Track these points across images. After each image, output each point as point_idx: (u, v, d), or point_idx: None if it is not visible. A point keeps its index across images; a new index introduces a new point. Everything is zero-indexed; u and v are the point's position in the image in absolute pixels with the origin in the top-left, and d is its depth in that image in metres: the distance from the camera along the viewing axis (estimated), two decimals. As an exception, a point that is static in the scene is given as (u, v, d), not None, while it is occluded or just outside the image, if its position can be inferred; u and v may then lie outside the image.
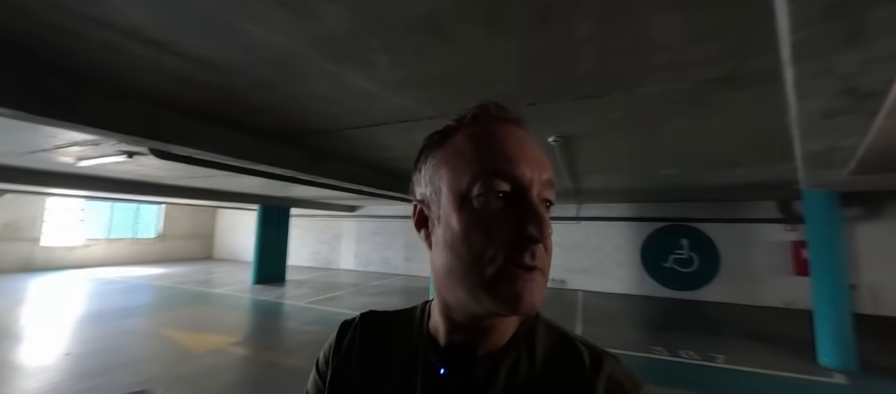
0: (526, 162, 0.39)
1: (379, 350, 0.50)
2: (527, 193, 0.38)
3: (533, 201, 0.38)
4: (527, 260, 0.36)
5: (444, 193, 0.42)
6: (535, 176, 0.39)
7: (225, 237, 14.42)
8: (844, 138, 1.92)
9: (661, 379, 3.54)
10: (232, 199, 8.03)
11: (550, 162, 0.43)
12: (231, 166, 3.48)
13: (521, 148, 0.40)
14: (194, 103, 2.33)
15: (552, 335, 0.46)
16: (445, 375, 0.42)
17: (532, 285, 0.37)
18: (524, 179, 0.38)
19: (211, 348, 4.30)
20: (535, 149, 0.42)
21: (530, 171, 0.39)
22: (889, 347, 4.48)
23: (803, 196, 4.25)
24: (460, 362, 0.43)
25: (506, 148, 0.40)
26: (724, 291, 7.31)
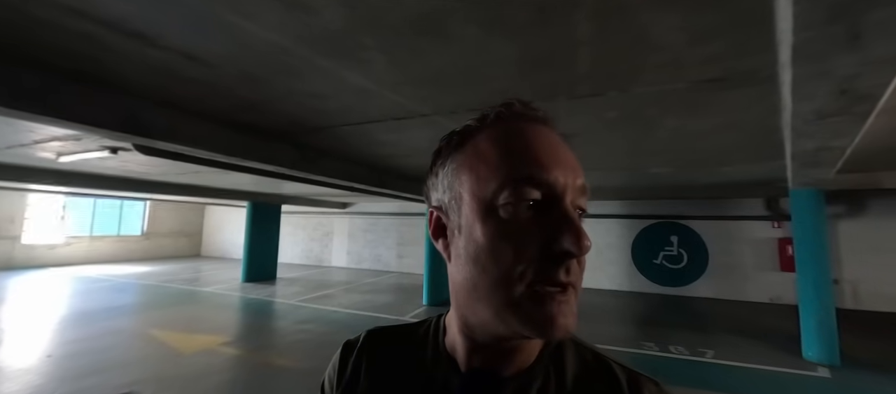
0: (558, 166, 0.35)
1: (391, 371, 0.46)
2: (560, 201, 0.34)
3: (567, 210, 0.34)
4: (561, 277, 0.33)
5: (466, 200, 0.38)
6: (570, 181, 0.35)
7: (213, 235, 14.17)
8: (835, 139, 1.95)
9: (651, 375, 3.59)
10: (221, 196, 7.88)
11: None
12: (220, 163, 3.40)
13: (552, 150, 0.36)
14: (181, 98, 2.26)
15: (583, 355, 0.42)
16: None
17: (566, 307, 0.33)
18: (557, 186, 0.35)
19: (201, 349, 4.22)
20: (567, 151, 0.38)
21: (563, 176, 0.35)
22: (869, 341, 4.62)
23: (790, 194, 4.33)
24: (483, 387, 0.39)
25: (535, 150, 0.36)
26: (713, 287, 7.45)
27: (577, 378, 0.40)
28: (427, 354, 0.45)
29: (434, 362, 0.44)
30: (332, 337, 4.76)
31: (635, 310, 6.54)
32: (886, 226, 6.37)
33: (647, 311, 6.46)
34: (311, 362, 3.94)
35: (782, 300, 6.86)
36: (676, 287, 7.73)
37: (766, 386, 3.41)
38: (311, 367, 3.78)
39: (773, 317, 5.93)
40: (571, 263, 0.34)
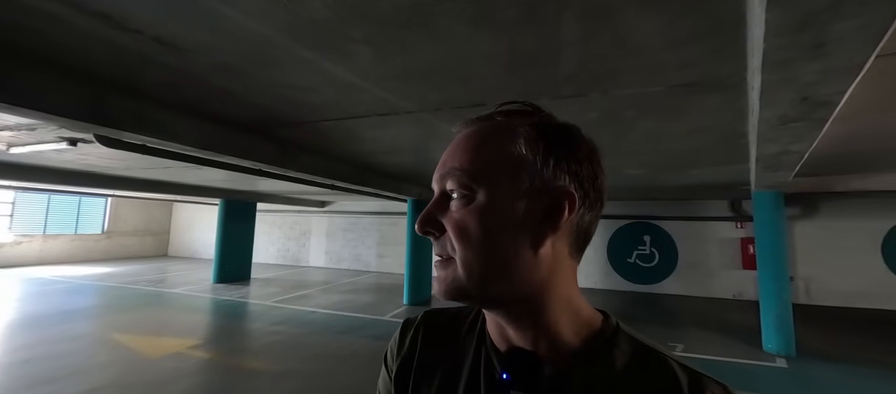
0: (438, 167, 0.43)
1: (441, 347, 0.51)
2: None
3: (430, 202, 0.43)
4: (434, 252, 0.43)
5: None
6: (437, 175, 0.43)
7: (182, 233, 13.51)
8: (796, 143, 2.09)
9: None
10: (191, 192, 7.52)
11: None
12: (192, 157, 3.24)
13: (444, 155, 0.44)
14: (151, 87, 2.14)
15: (636, 349, 0.41)
16: (508, 380, 0.40)
17: (434, 272, 0.43)
18: (434, 183, 0.44)
19: (168, 353, 4.01)
20: (458, 145, 0.43)
21: (437, 173, 0.43)
22: (821, 333, 4.98)
23: (753, 196, 4.60)
24: (522, 369, 0.40)
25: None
26: (681, 285, 7.81)
27: (628, 371, 0.39)
28: (473, 333, 0.49)
29: (478, 341, 0.48)
30: (308, 338, 4.64)
31: (610, 306, 6.66)
32: (836, 226, 6.89)
33: (621, 307, 6.68)
34: (285, 363, 3.82)
35: (744, 296, 7.28)
36: (648, 285, 8.04)
37: (730, 377, 3.60)
38: (286, 369, 3.67)
39: (736, 312, 6.28)
40: (436, 240, 0.42)
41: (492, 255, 0.39)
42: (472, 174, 0.40)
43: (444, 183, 0.42)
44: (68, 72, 1.91)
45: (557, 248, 0.40)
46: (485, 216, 0.39)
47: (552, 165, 0.40)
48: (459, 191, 0.40)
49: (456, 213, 0.40)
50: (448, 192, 0.41)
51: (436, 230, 0.41)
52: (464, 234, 0.39)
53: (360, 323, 5.41)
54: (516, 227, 0.39)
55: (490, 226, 0.39)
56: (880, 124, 2.60)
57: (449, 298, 0.41)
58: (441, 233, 0.41)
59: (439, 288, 0.41)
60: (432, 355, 0.50)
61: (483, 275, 0.39)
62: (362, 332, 4.99)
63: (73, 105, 2.01)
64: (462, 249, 0.39)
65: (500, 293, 0.40)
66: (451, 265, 0.40)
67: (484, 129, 0.43)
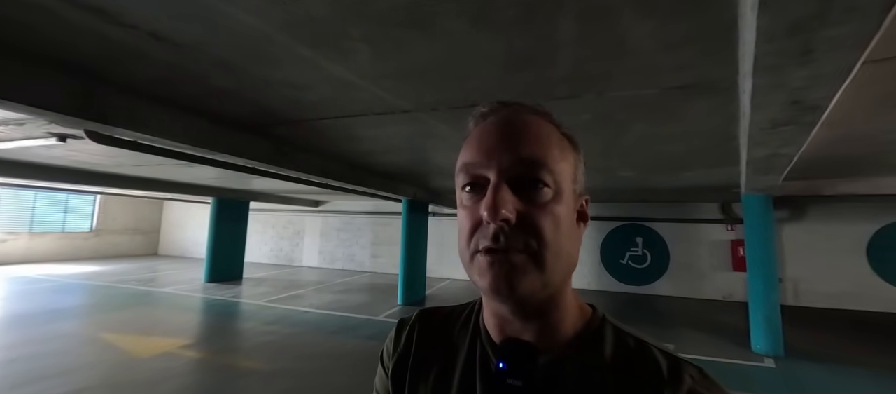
0: (488, 152, 0.40)
1: (436, 346, 0.51)
2: (490, 181, 0.39)
3: (492, 187, 0.39)
4: (488, 244, 0.38)
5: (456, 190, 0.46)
6: (502, 161, 0.39)
7: (173, 232, 13.33)
8: (785, 146, 2.13)
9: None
10: (183, 190, 7.43)
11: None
12: (185, 155, 3.21)
13: (490, 138, 0.41)
14: (145, 82, 2.11)
15: (622, 339, 0.43)
16: (504, 369, 0.40)
17: (499, 269, 0.37)
18: (485, 169, 0.40)
19: (158, 352, 3.96)
20: (514, 132, 0.41)
21: (493, 159, 0.40)
22: (808, 334, 5.07)
23: (743, 199, 4.68)
24: (518, 358, 0.41)
25: (477, 143, 0.42)
26: (673, 286, 7.91)
27: (615, 359, 0.41)
28: (468, 328, 0.50)
29: (473, 335, 0.48)
30: (301, 338, 4.62)
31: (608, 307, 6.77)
32: (823, 230, 7.03)
33: (614, 308, 6.74)
34: (277, 363, 3.79)
35: (734, 298, 7.39)
36: (640, 286, 8.13)
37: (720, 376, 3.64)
38: (278, 368, 3.65)
39: (726, 313, 6.37)
40: (501, 230, 0.37)
41: (568, 250, 0.40)
42: (554, 168, 0.40)
43: (521, 169, 0.39)
44: (59, 66, 1.89)
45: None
46: (565, 212, 0.41)
47: (581, 174, 0.46)
48: (547, 180, 0.39)
49: (549, 204, 0.39)
50: (527, 179, 0.39)
51: (515, 219, 0.38)
52: (557, 228, 0.39)
53: (354, 323, 5.39)
54: (577, 226, 0.43)
55: (568, 222, 0.41)
56: (867, 129, 2.66)
57: (533, 294, 0.38)
58: (518, 222, 0.38)
59: (508, 283, 0.37)
60: (428, 352, 0.51)
61: (561, 272, 0.40)
62: (356, 332, 4.97)
63: (63, 100, 1.98)
64: (553, 242, 0.38)
65: (557, 290, 0.42)
66: (526, 259, 0.37)
67: (539, 122, 0.43)
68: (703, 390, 0.38)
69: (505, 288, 0.37)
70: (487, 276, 0.38)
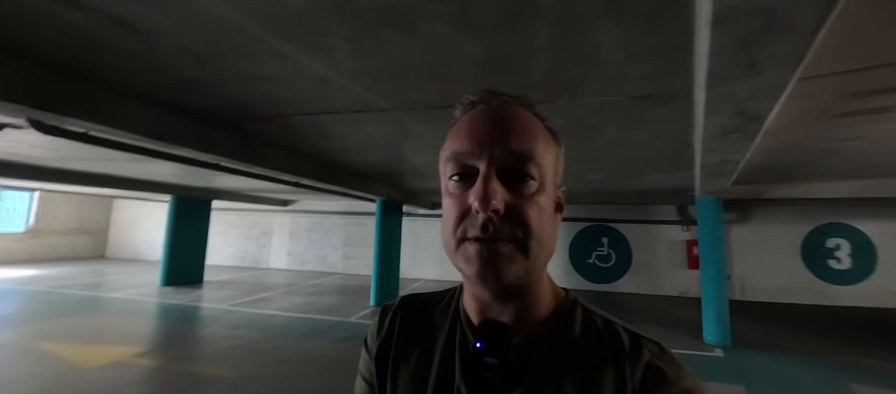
0: (477, 141, 0.41)
1: (418, 330, 0.53)
2: (479, 170, 0.40)
3: (482, 177, 0.40)
4: (476, 233, 0.39)
5: (441, 179, 0.47)
6: (493, 151, 0.40)
7: (124, 233, 12.35)
8: (733, 152, 2.34)
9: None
10: (137, 187, 6.92)
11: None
12: (145, 149, 3.01)
13: (479, 128, 0.42)
14: (103, 71, 1.98)
15: (591, 318, 0.46)
16: (481, 348, 0.42)
17: (487, 257, 0.39)
18: (474, 159, 0.41)
19: (107, 361, 3.67)
20: (502, 122, 0.42)
21: (483, 148, 0.41)
22: (753, 326, 5.54)
23: (697, 201, 5.05)
24: (494, 338, 0.43)
25: (466, 132, 0.43)
26: (635, 284, 8.36)
27: (583, 336, 0.45)
28: (448, 312, 0.52)
29: (453, 318, 0.51)
30: (268, 343, 4.45)
31: (571, 306, 7.08)
32: (766, 230, 7.72)
33: (581, 306, 7.02)
34: (242, 369, 3.64)
35: (689, 294, 7.92)
36: (605, 284, 8.52)
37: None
38: (243, 375, 3.50)
39: (681, 308, 6.82)
40: (489, 220, 0.38)
41: (549, 239, 0.43)
42: (540, 162, 0.42)
43: (510, 160, 0.40)
44: (5, 48, 1.72)
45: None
46: (547, 204, 0.43)
47: (562, 165, 0.48)
48: (533, 172, 0.41)
49: (534, 195, 0.41)
50: (515, 171, 0.41)
51: (503, 209, 0.39)
52: (540, 219, 0.41)
53: (325, 325, 5.26)
54: (556, 216, 0.45)
55: (550, 213, 0.43)
56: (802, 139, 2.97)
57: (517, 281, 0.40)
58: (506, 212, 0.39)
59: (494, 270, 0.39)
60: (410, 335, 0.52)
61: (542, 259, 0.42)
62: (327, 334, 4.86)
63: (8, 86, 1.81)
64: (538, 232, 0.40)
65: (539, 276, 0.44)
66: (512, 247, 0.39)
67: (527, 115, 0.44)
68: (660, 362, 0.41)
69: (491, 276, 0.39)
70: (475, 263, 0.39)
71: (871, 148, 3.24)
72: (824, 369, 3.86)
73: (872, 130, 2.70)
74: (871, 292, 7.13)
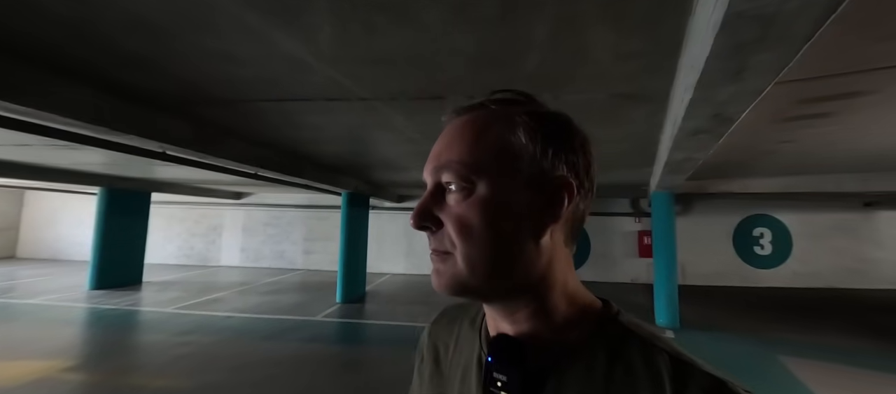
0: (429, 159, 0.42)
1: (448, 342, 0.53)
2: (426, 188, 0.42)
3: (424, 195, 0.42)
4: (430, 246, 0.41)
5: None
6: (432, 167, 0.41)
7: (38, 230, 10.78)
8: (698, 151, 2.51)
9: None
10: (58, 178, 6.02)
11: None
12: (73, 134, 2.59)
13: (434, 146, 0.43)
14: (26, 40, 1.64)
15: (628, 337, 0.39)
16: (491, 363, 0.41)
17: (434, 268, 0.41)
18: (426, 177, 0.43)
19: (31, 378, 3.18)
20: (449, 135, 0.42)
21: (429, 165, 0.42)
22: (695, 308, 6.11)
23: (651, 196, 5.43)
24: (505, 353, 0.41)
25: (431, 150, 0.43)
26: (593, 272, 8.88)
27: (614, 361, 0.38)
28: (475, 325, 0.51)
29: (478, 332, 0.49)
30: (226, 347, 4.11)
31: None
32: (704, 221, 8.53)
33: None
34: (200, 378, 3.33)
35: (639, 280, 8.58)
36: (566, 273, 8.97)
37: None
38: (202, 384, 3.20)
39: (634, 294, 7.36)
40: (432, 234, 0.41)
41: (495, 248, 0.38)
42: (472, 166, 0.39)
43: (439, 175, 0.41)
44: None
45: (555, 238, 0.41)
46: (486, 209, 0.38)
47: (551, 155, 0.40)
48: (459, 183, 0.39)
49: (456, 207, 0.39)
50: (444, 184, 0.40)
51: (433, 225, 0.40)
52: (465, 228, 0.38)
53: (289, 326, 4.98)
54: (518, 218, 0.39)
55: (492, 218, 0.38)
56: (753, 140, 3.26)
57: (450, 293, 0.40)
58: (438, 227, 0.40)
59: (439, 283, 0.40)
60: (443, 348, 0.53)
61: (486, 269, 0.38)
62: (292, 335, 4.60)
63: None
64: (463, 243, 0.38)
65: (503, 286, 0.40)
66: (450, 260, 0.39)
67: (479, 118, 0.42)
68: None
69: (435, 285, 0.40)
70: (432, 273, 0.41)
71: (800, 150, 3.65)
72: (757, 345, 4.36)
73: (806, 134, 3.03)
74: (786, 274, 8.20)
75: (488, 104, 0.42)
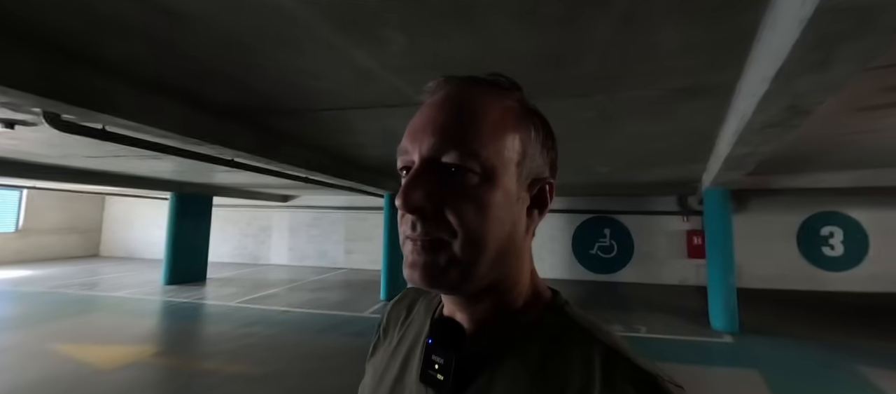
0: (417, 135, 0.37)
1: (402, 322, 0.53)
2: (413, 166, 0.37)
3: (410, 173, 0.37)
4: (407, 231, 0.37)
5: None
6: (426, 144, 0.36)
7: (118, 231, 12.05)
8: (764, 145, 2.38)
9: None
10: (135, 184, 6.74)
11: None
12: (159, 145, 2.91)
13: (424, 120, 0.38)
14: (125, 60, 1.88)
15: (569, 327, 0.39)
16: (430, 345, 0.40)
17: (416, 258, 0.36)
18: (413, 153, 0.38)
19: (125, 363, 3.60)
20: (444, 111, 0.38)
21: (419, 142, 0.37)
22: (755, 312, 5.71)
23: (704, 193, 5.14)
24: (445, 336, 0.40)
25: (411, 125, 0.39)
26: (636, 273, 8.52)
27: (549, 351, 0.37)
28: (431, 308, 0.49)
29: (430, 314, 0.48)
30: (286, 338, 4.42)
31: (575, 295, 7.20)
32: (762, 219, 7.92)
33: (584, 295, 7.15)
34: (268, 366, 3.61)
35: (688, 283, 8.12)
36: (608, 274, 8.67)
37: (688, 353, 4.04)
38: (270, 372, 3.48)
39: (682, 297, 6.99)
40: (418, 219, 0.35)
41: (500, 239, 0.37)
42: (481, 152, 0.36)
43: (442, 153, 0.36)
44: (23, 37, 1.64)
45: (530, 231, 0.41)
46: (498, 197, 0.36)
47: (545, 155, 0.41)
48: (470, 164, 0.35)
49: (472, 190, 0.35)
50: (448, 164, 0.36)
51: (429, 207, 0.35)
52: (481, 216, 0.35)
53: (339, 321, 5.25)
54: (518, 212, 0.39)
55: (502, 209, 0.36)
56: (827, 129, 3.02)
57: (438, 286, 0.36)
58: (433, 211, 0.35)
59: (424, 275, 0.35)
60: (397, 329, 0.52)
61: (489, 261, 0.36)
62: (343, 329, 4.85)
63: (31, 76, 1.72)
64: (474, 231, 0.35)
65: (492, 280, 0.38)
66: (443, 249, 0.35)
67: (478, 97, 0.38)
68: (639, 387, 0.32)
69: (417, 278, 0.36)
70: (406, 265, 0.37)
71: (880, 141, 3.33)
72: (830, 353, 4.01)
73: (889, 123, 2.77)
74: (862, 277, 7.41)
75: (482, 81, 0.40)
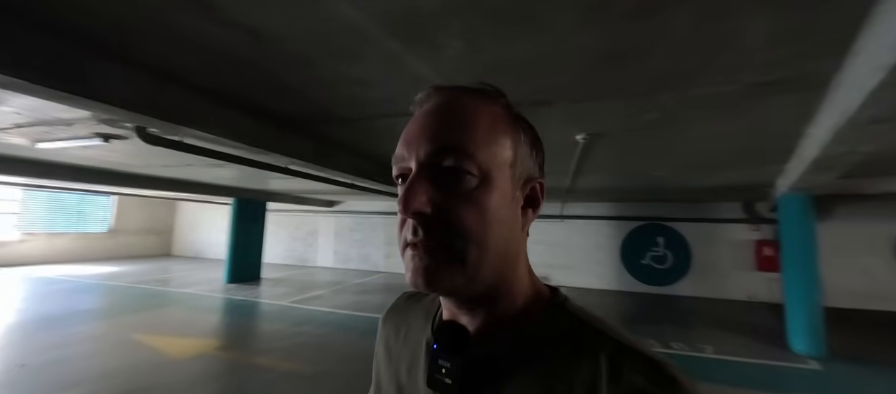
0: (411, 143, 0.39)
1: (400, 328, 0.53)
2: (410, 173, 0.39)
3: (408, 179, 0.38)
4: (407, 237, 0.38)
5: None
6: (423, 150, 0.38)
7: (187, 233, 13.32)
8: (865, 144, 2.08)
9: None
10: (202, 190, 7.40)
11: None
12: (226, 154, 3.16)
13: (417, 128, 0.40)
14: (205, 78, 2.06)
15: (574, 323, 0.40)
16: (436, 351, 0.41)
17: (418, 263, 0.37)
18: (408, 161, 0.39)
19: (194, 354, 3.92)
20: (437, 118, 0.39)
21: (414, 149, 0.39)
22: (844, 334, 5.00)
23: (779, 199, 4.62)
24: (450, 341, 0.40)
25: (405, 133, 0.41)
26: (695, 286, 7.84)
27: (556, 352, 0.38)
28: (430, 313, 0.50)
29: (432, 320, 0.49)
30: (334, 339, 4.58)
31: (625, 308, 6.76)
32: (848, 230, 6.95)
33: (636, 309, 6.69)
34: (319, 365, 3.75)
35: (758, 298, 7.32)
36: (662, 286, 8.06)
37: (763, 379, 3.60)
38: (321, 371, 3.61)
39: (752, 314, 6.30)
40: (420, 224, 0.36)
41: (500, 239, 0.38)
42: (477, 156, 0.38)
43: (441, 158, 0.38)
44: (133, 62, 1.85)
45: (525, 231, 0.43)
46: (496, 199, 0.38)
47: (535, 158, 0.43)
48: (468, 167, 0.37)
49: (471, 193, 0.37)
50: (446, 168, 0.37)
51: (430, 211, 0.37)
52: (481, 219, 0.37)
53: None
54: (515, 210, 0.40)
55: (500, 209, 0.38)
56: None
57: (443, 289, 0.38)
58: (435, 215, 0.37)
59: (429, 279, 0.36)
60: (397, 334, 0.53)
61: (491, 261, 0.37)
62: (387, 333, 4.94)
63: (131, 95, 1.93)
64: (476, 232, 0.36)
65: (494, 280, 0.39)
66: (446, 252, 0.36)
67: (468, 104, 0.40)
68: (648, 385, 0.34)
69: (422, 283, 0.36)
70: (408, 270, 0.38)
71: None
72: (948, 388, 3.39)
73: None
74: (985, 299, 6.24)
75: (471, 91, 0.42)
